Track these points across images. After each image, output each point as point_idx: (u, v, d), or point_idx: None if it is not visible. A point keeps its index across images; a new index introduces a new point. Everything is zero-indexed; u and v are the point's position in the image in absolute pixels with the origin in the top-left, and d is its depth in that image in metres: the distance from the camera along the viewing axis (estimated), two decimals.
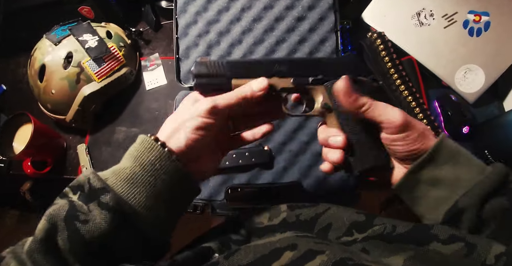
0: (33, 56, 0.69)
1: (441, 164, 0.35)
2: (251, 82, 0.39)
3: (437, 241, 0.29)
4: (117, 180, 0.33)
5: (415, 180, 0.37)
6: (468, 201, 0.33)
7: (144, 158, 0.34)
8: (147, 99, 0.76)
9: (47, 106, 0.72)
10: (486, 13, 0.74)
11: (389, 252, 0.30)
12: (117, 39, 0.72)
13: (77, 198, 0.32)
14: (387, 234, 0.32)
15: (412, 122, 0.36)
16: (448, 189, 0.35)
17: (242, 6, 0.67)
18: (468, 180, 0.34)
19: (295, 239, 0.31)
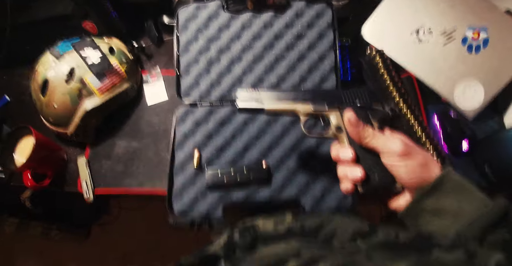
0: (37, 70, 0.70)
1: (445, 195, 0.37)
2: None
3: (439, 249, 0.30)
4: None
5: (419, 209, 0.38)
6: (469, 232, 0.33)
7: None
8: (148, 114, 0.76)
9: (49, 119, 0.73)
10: (484, 29, 0.75)
11: (392, 259, 0.30)
12: (119, 54, 0.73)
13: None
14: (390, 242, 0.33)
15: (412, 153, 0.39)
16: (450, 219, 0.36)
17: (243, 24, 0.68)
18: (470, 211, 0.35)
19: (299, 247, 0.32)
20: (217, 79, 0.68)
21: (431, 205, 0.37)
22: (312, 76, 0.68)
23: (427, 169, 0.38)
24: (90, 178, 0.73)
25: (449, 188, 0.37)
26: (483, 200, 0.36)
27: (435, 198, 0.37)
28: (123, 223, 1.53)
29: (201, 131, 0.66)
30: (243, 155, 0.65)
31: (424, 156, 0.39)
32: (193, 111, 0.67)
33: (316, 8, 0.69)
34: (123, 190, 0.71)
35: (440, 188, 0.37)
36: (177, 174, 0.64)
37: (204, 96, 0.68)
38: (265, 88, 0.65)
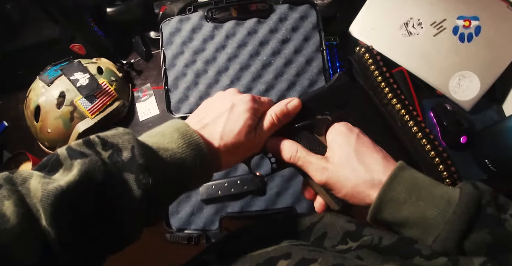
0: (28, 97, 0.71)
1: (400, 205, 0.32)
2: None
3: (420, 256, 0.29)
4: (158, 158, 0.31)
5: (381, 222, 0.35)
6: (443, 247, 0.30)
7: (186, 150, 0.33)
8: (141, 129, 0.76)
9: (45, 143, 0.73)
10: (475, 18, 0.73)
11: (381, 260, 0.30)
12: (108, 74, 0.74)
13: (108, 156, 0.29)
14: (375, 245, 0.32)
15: (333, 184, 0.36)
16: (419, 230, 0.32)
17: (226, 33, 0.68)
18: (434, 218, 0.30)
19: (289, 247, 0.32)
20: (206, 91, 0.68)
21: (389, 217, 0.33)
22: (301, 80, 0.67)
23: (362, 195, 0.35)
24: None
25: (401, 195, 0.32)
26: (446, 196, 0.31)
27: (390, 210, 0.33)
28: None
29: None
30: (235, 166, 0.65)
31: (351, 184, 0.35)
32: None
33: (300, 10, 0.68)
34: None
35: (387, 202, 0.33)
36: None
37: (194, 108, 0.68)
38: None
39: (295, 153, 0.39)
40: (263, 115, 0.40)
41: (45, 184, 0.25)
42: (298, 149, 0.39)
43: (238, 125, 0.36)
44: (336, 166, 0.37)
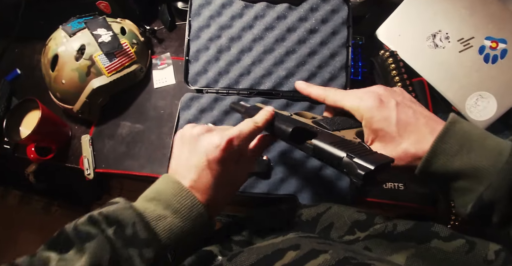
0: (48, 45, 0.70)
1: (452, 157, 0.32)
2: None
3: (438, 238, 0.29)
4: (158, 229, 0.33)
5: (430, 175, 0.34)
6: (494, 194, 0.30)
7: (185, 214, 0.34)
8: (154, 97, 0.76)
9: (56, 94, 0.73)
10: (503, 40, 0.73)
11: (391, 250, 0.30)
12: (130, 36, 0.73)
13: (113, 233, 0.31)
14: (388, 233, 0.32)
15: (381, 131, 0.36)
16: (468, 181, 0.32)
17: (256, 14, 0.67)
18: (487, 168, 0.31)
19: (298, 239, 0.32)
20: (226, 68, 0.67)
21: (440, 169, 0.33)
22: (322, 72, 0.67)
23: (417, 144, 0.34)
24: (92, 156, 0.73)
25: (453, 146, 0.32)
26: (498, 148, 0.31)
27: (442, 161, 0.33)
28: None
29: (205, 119, 0.66)
30: None
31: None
32: (198, 97, 0.67)
33: (332, 3, 0.67)
34: (123, 171, 0.72)
35: (441, 151, 0.32)
36: None
37: (211, 83, 0.67)
38: None
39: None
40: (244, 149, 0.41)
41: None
42: None
43: (223, 179, 0.37)
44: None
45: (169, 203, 0.34)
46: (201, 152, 0.37)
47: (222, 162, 0.36)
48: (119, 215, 0.32)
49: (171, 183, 0.36)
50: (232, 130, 0.38)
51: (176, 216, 0.34)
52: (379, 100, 0.37)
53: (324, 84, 0.67)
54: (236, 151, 0.38)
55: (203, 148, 0.37)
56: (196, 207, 0.35)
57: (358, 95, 0.39)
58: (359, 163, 0.30)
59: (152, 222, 0.32)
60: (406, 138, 0.35)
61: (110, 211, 0.32)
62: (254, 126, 0.39)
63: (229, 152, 0.37)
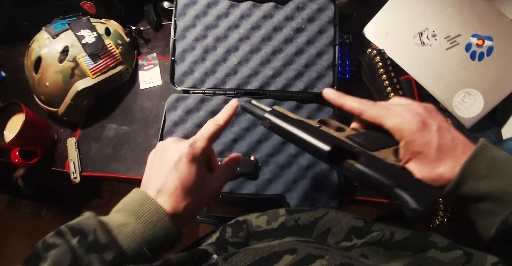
0: (31, 47, 0.69)
1: (479, 180, 0.33)
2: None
3: (436, 249, 0.29)
4: (120, 235, 0.34)
5: (457, 196, 0.35)
6: None
7: (147, 218, 0.35)
8: (141, 98, 0.75)
9: (40, 97, 0.72)
10: (490, 38, 0.73)
11: (388, 258, 0.30)
12: (115, 36, 0.72)
13: (76, 242, 0.32)
14: (385, 241, 0.32)
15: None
16: (494, 205, 0.33)
17: (242, 13, 0.67)
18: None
19: (294, 243, 0.31)
20: (212, 68, 0.67)
21: (468, 192, 0.34)
22: (309, 72, 0.66)
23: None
24: (78, 159, 0.72)
25: (482, 171, 0.33)
26: None
27: (468, 187, 0.34)
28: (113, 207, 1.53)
29: (192, 120, 0.65)
30: (231, 147, 0.64)
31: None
32: (185, 98, 0.66)
33: (319, 2, 0.67)
34: (109, 174, 0.71)
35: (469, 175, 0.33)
36: None
37: (197, 84, 0.67)
38: None
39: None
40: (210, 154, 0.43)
41: None
42: None
43: (191, 182, 0.38)
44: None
45: (133, 211, 0.35)
46: (168, 157, 0.39)
47: (188, 163, 0.38)
48: (83, 225, 0.33)
49: (138, 194, 0.37)
50: (196, 134, 0.41)
51: (139, 222, 0.35)
52: (422, 123, 0.36)
53: (311, 83, 0.66)
54: (201, 152, 0.39)
55: (170, 154, 0.39)
56: (158, 211, 0.35)
57: (400, 113, 0.38)
58: (413, 197, 0.29)
59: (115, 230, 0.34)
60: (443, 163, 0.35)
61: (75, 222, 0.34)
62: (215, 125, 0.41)
63: (194, 153, 0.38)
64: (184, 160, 0.38)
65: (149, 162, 0.42)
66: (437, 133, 0.36)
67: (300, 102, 0.67)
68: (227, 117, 0.42)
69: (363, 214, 0.36)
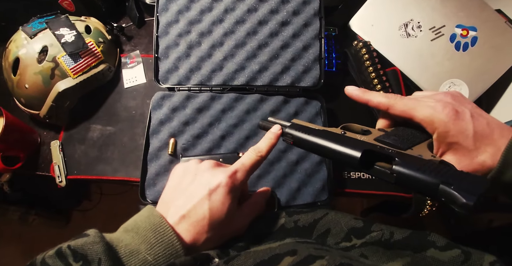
0: (8, 48, 0.66)
1: None
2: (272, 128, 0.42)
3: (435, 248, 0.29)
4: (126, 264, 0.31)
5: (502, 184, 0.33)
6: None
7: (159, 251, 0.32)
8: (125, 97, 0.74)
9: (21, 100, 0.69)
10: (473, 28, 0.73)
11: (387, 258, 0.30)
12: (96, 34, 0.70)
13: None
14: (385, 241, 0.32)
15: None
16: None
17: (226, 7, 0.65)
18: None
19: (295, 245, 0.31)
20: (197, 64, 0.65)
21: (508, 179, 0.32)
22: (296, 65, 0.66)
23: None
24: (63, 163, 0.70)
25: None
26: None
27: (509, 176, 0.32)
28: (104, 209, 1.51)
29: (178, 118, 0.64)
30: (219, 144, 0.63)
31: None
32: (170, 96, 0.65)
33: None
34: (96, 177, 0.69)
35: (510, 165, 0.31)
36: (151, 162, 0.62)
37: (183, 81, 0.65)
38: None
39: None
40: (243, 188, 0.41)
41: None
42: None
43: (222, 214, 0.36)
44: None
45: (145, 238, 0.33)
46: (203, 182, 0.37)
47: (224, 194, 0.36)
48: (87, 250, 0.30)
49: (153, 217, 0.34)
50: (235, 164, 0.39)
51: (150, 253, 0.32)
52: (454, 111, 0.35)
53: (298, 77, 0.66)
54: (240, 185, 0.38)
55: (207, 180, 0.37)
56: (173, 245, 0.33)
57: (430, 104, 0.36)
58: (461, 192, 0.27)
59: (124, 258, 0.31)
60: (482, 150, 0.34)
61: (79, 245, 0.31)
62: (257, 157, 0.39)
63: (232, 185, 0.37)
64: (221, 190, 0.36)
65: (174, 178, 0.40)
66: (471, 120, 0.34)
67: (288, 96, 0.66)
68: (270, 147, 0.40)
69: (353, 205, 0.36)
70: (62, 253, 0.30)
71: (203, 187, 0.36)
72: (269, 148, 0.40)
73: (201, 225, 0.35)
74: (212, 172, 0.38)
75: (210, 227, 0.35)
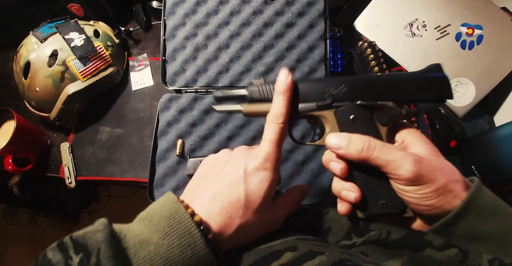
0: (19, 53, 0.68)
1: (482, 218, 0.29)
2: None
3: (431, 248, 0.29)
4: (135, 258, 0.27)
5: (451, 233, 0.31)
6: None
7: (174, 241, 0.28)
8: (133, 99, 0.75)
9: (31, 103, 0.71)
10: (479, 27, 0.73)
11: (387, 256, 0.30)
12: (104, 38, 0.72)
13: (77, 263, 0.26)
14: (382, 240, 0.32)
15: (427, 176, 0.30)
16: (497, 246, 0.29)
17: (231, 10, 0.66)
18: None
19: (295, 241, 0.32)
20: (204, 66, 0.66)
21: (465, 231, 0.30)
22: (301, 67, 0.66)
23: (449, 195, 0.30)
24: (72, 164, 0.71)
25: (485, 210, 0.29)
26: None
27: (466, 224, 0.30)
28: (112, 210, 1.53)
29: (185, 119, 0.65)
30: (226, 144, 0.64)
31: (448, 176, 0.30)
32: (177, 98, 0.66)
33: None
34: (105, 178, 0.70)
35: (470, 212, 0.29)
36: (159, 163, 0.63)
37: (190, 83, 0.66)
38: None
39: (368, 143, 0.31)
40: None
41: None
42: (371, 139, 0.32)
43: (259, 198, 0.32)
44: (429, 158, 0.32)
45: (159, 226, 0.29)
46: (237, 164, 0.33)
47: (261, 176, 0.32)
48: (88, 240, 0.27)
49: (169, 202, 0.30)
50: (264, 143, 0.34)
51: (162, 243, 0.27)
52: None
53: (303, 78, 0.66)
54: (275, 166, 0.34)
55: (241, 162, 0.33)
56: (191, 233, 0.28)
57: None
58: None
59: (131, 249, 0.27)
60: None
61: (80, 235, 0.28)
62: (279, 126, 0.34)
63: (269, 167, 0.33)
64: (258, 171, 0.32)
65: (204, 166, 0.36)
66: None
67: None
68: (286, 107, 0.34)
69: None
70: (63, 244, 0.28)
71: (237, 169, 0.33)
72: (285, 108, 0.34)
73: (235, 208, 0.31)
74: (246, 154, 0.34)
75: (245, 212, 0.31)
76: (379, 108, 0.34)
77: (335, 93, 0.35)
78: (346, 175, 0.34)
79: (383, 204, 0.33)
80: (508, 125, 0.62)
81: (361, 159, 0.32)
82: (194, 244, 0.28)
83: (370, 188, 0.34)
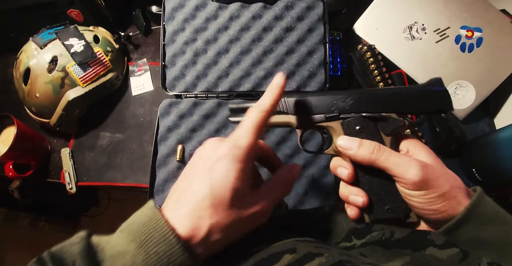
0: (19, 59, 0.68)
1: (483, 225, 0.30)
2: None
3: (434, 246, 0.29)
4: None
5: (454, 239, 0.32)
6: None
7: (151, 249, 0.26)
8: (133, 104, 0.75)
9: (31, 109, 0.71)
10: (479, 29, 0.73)
11: (387, 258, 0.30)
12: (104, 43, 0.72)
13: None
14: (385, 240, 0.32)
15: (433, 181, 0.31)
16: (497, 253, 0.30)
17: (231, 15, 0.66)
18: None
19: (294, 243, 0.32)
20: (203, 71, 0.66)
21: (466, 237, 0.31)
22: (301, 71, 0.66)
23: (452, 201, 0.31)
24: (73, 170, 0.71)
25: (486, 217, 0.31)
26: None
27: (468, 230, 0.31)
28: (112, 214, 1.53)
29: (185, 124, 0.65)
30: None
31: (451, 183, 0.31)
32: (177, 103, 0.66)
33: (307, 0, 0.67)
34: (106, 183, 0.70)
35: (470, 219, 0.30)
36: (160, 168, 0.63)
37: (189, 88, 0.66)
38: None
39: (378, 147, 0.34)
40: None
41: None
42: (380, 144, 0.34)
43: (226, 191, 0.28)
44: (435, 165, 0.33)
45: (136, 235, 0.27)
46: (202, 158, 0.31)
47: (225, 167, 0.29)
48: (65, 253, 0.27)
49: (146, 209, 0.29)
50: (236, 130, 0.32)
51: (139, 252, 0.26)
52: None
53: (303, 82, 0.66)
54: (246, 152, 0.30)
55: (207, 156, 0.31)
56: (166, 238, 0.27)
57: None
58: None
59: (107, 262, 0.26)
60: None
61: (58, 248, 0.27)
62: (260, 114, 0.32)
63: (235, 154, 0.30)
64: (222, 162, 0.29)
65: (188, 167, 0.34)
66: None
67: None
68: (273, 100, 0.33)
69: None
70: (41, 259, 0.27)
71: (202, 165, 0.30)
72: (273, 101, 0.33)
73: (202, 207, 0.28)
74: (212, 145, 0.32)
75: (215, 211, 0.28)
76: (384, 119, 0.37)
77: (342, 105, 0.38)
78: (353, 180, 0.36)
79: (388, 209, 0.35)
80: (508, 128, 0.62)
81: (370, 161, 0.33)
82: (171, 251, 0.26)
83: (376, 194, 0.35)
